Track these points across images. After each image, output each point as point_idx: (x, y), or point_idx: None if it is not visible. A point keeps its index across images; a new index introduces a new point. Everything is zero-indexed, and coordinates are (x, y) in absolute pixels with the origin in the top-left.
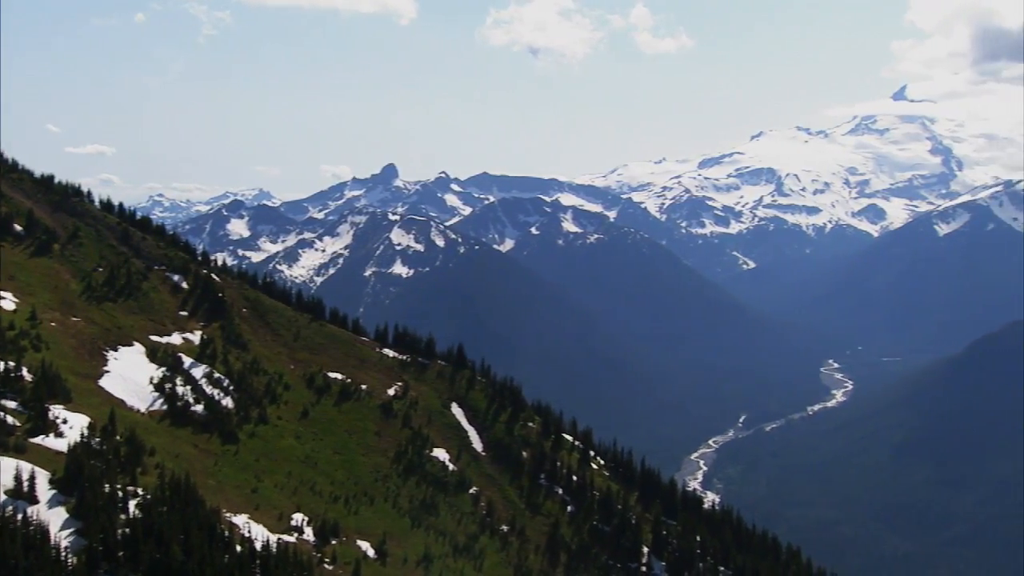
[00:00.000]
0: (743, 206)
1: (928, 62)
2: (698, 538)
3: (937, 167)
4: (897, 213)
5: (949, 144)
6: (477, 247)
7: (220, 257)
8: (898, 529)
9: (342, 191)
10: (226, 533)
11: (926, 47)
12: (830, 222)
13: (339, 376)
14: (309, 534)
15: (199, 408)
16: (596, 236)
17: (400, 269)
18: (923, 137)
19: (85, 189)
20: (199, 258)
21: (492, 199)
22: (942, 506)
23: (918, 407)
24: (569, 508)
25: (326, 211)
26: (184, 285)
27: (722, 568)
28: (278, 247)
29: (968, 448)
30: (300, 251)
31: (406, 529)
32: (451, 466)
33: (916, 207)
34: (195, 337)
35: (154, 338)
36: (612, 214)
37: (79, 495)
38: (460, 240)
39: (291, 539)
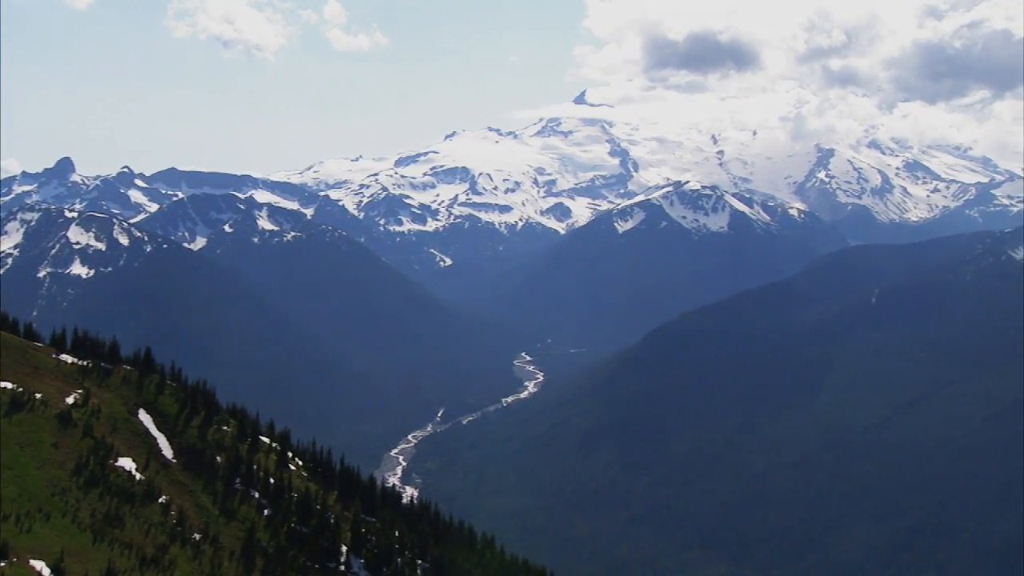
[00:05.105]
0: (439, 204)
1: (606, 68)
2: (397, 533)
3: (616, 168)
4: (582, 212)
5: (626, 147)
6: (166, 245)
7: None
8: (585, 512)
9: (10, 186)
10: None
11: (603, 54)
12: (521, 220)
13: (9, 385)
14: None
15: None
16: (293, 234)
17: (79, 269)
18: (603, 140)
19: None
20: None
21: (181, 195)
22: (624, 487)
23: (602, 395)
24: (266, 511)
25: None
26: None
27: (420, 561)
28: None
29: (647, 431)
30: None
31: (87, 544)
32: (138, 475)
33: (598, 206)
34: None
35: None
36: (309, 212)
37: None
38: (147, 238)
39: None
